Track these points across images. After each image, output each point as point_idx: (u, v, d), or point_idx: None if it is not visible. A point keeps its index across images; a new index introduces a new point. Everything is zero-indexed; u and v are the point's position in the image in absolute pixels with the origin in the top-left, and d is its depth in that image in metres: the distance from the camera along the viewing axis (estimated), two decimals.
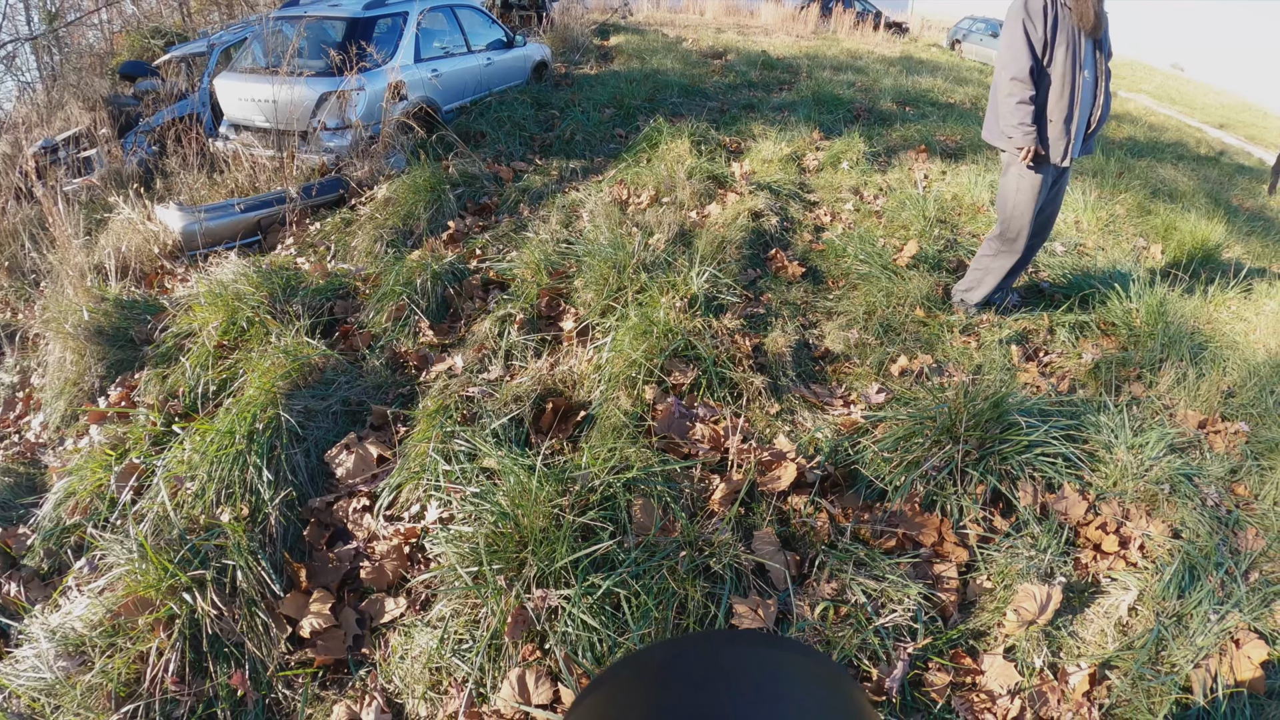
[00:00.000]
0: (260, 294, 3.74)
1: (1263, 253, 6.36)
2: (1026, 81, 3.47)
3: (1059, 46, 3.45)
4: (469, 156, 6.26)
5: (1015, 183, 3.76)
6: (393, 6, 7.19)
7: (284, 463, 2.76)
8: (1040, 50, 3.46)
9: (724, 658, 0.48)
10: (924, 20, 30.98)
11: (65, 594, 2.50)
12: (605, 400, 3.04)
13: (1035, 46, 3.45)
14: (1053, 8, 3.42)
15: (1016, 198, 3.77)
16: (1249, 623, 2.30)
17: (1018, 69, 3.47)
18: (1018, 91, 3.50)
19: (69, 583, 2.53)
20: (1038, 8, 3.42)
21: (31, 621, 2.34)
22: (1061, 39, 3.44)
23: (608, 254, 3.95)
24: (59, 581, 2.62)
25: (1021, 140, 3.55)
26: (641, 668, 0.48)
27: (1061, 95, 3.50)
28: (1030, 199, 3.73)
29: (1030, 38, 3.44)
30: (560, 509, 2.33)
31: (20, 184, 6.13)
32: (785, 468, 2.71)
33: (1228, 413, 3.50)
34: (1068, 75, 3.47)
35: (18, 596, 2.60)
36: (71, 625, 2.25)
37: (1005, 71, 3.53)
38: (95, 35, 22.25)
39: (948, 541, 2.55)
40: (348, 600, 2.42)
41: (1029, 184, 3.71)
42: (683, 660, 0.47)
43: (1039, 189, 3.70)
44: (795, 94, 10.28)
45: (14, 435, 3.84)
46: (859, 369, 3.64)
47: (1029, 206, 3.75)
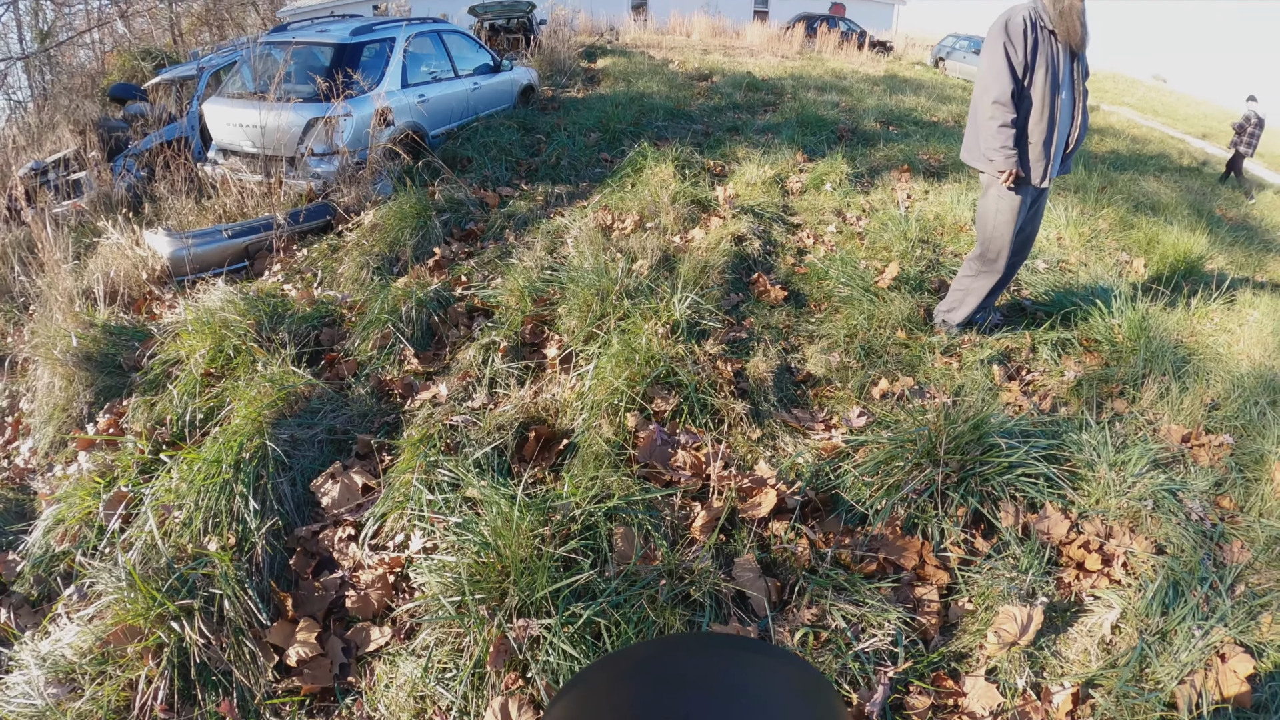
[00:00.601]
0: (247, 322, 3.77)
1: (1245, 262, 6.48)
2: (1008, 105, 3.50)
3: (1039, 69, 3.48)
4: (455, 182, 6.31)
5: (995, 204, 3.79)
6: (380, 32, 7.27)
7: (270, 492, 2.80)
8: (1021, 73, 3.48)
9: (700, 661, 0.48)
10: (908, 38, 31.32)
11: (55, 621, 2.52)
12: (588, 428, 3.07)
13: (1016, 69, 3.47)
14: (1033, 31, 3.45)
15: (996, 219, 3.81)
16: (1234, 637, 2.32)
17: (999, 92, 3.49)
18: (999, 115, 3.52)
19: (59, 610, 2.55)
20: (1018, 30, 3.45)
21: (22, 648, 2.36)
22: (1041, 61, 3.47)
23: (591, 281, 4.00)
24: (49, 608, 2.64)
25: (1003, 163, 3.58)
26: (619, 669, 0.49)
27: (1041, 117, 3.54)
28: (1010, 219, 3.76)
29: (1011, 61, 3.46)
30: (542, 539, 2.36)
31: (9, 206, 6.15)
32: (766, 494, 2.75)
33: (1211, 425, 3.55)
34: (1047, 97, 3.50)
35: (8, 623, 2.62)
36: (61, 652, 2.27)
37: (987, 95, 3.55)
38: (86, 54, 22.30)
39: (929, 564, 2.58)
40: (334, 629, 2.45)
41: (1009, 205, 3.74)
42: (660, 662, 0.48)
43: (1019, 210, 3.74)
44: (780, 115, 10.39)
45: (3, 460, 3.86)
46: (840, 392, 3.67)
47: (1009, 227, 3.79)
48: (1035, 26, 3.47)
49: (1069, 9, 3.44)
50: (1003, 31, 3.47)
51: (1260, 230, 8.28)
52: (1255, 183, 13.05)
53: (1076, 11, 3.45)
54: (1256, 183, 12.91)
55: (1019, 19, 3.46)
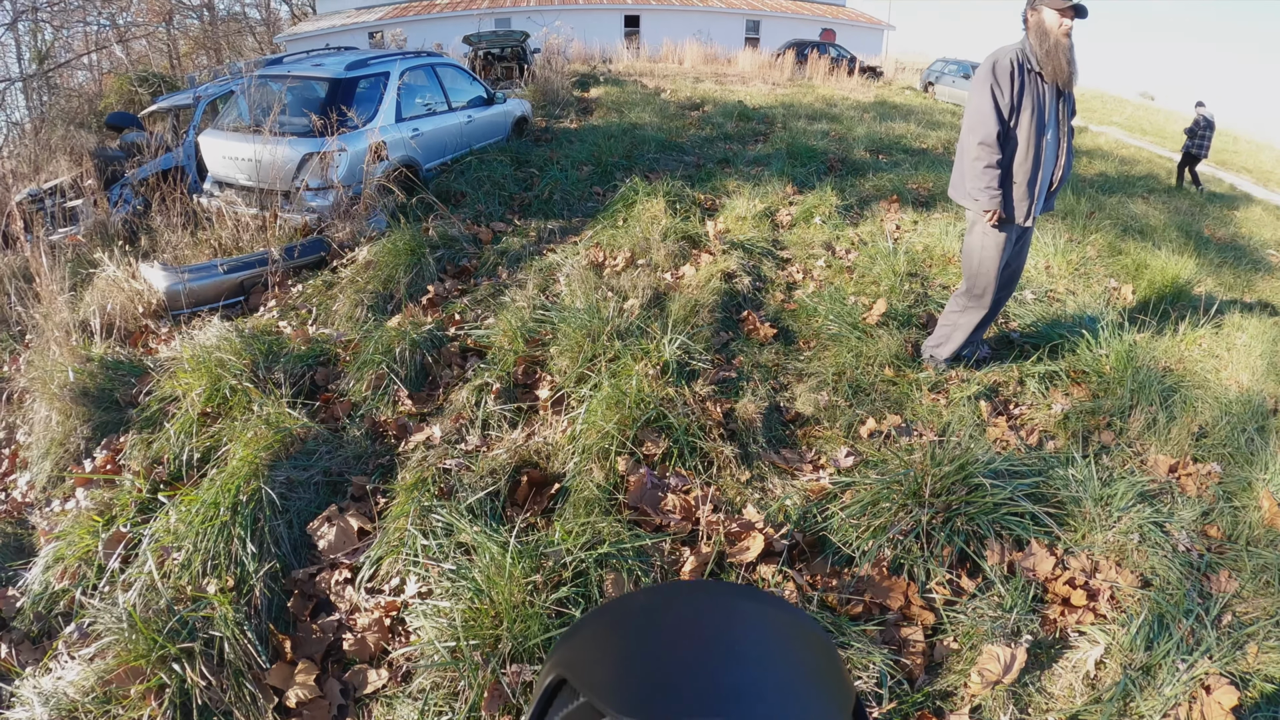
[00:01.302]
0: (243, 361, 3.82)
1: (1234, 283, 6.57)
2: (993, 146, 3.57)
3: (1024, 110, 3.54)
4: (448, 218, 6.39)
5: (980, 240, 3.84)
6: (375, 66, 7.35)
7: (268, 534, 2.85)
8: (1007, 114, 3.55)
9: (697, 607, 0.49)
10: (898, 63, 31.60)
11: (56, 658, 2.55)
12: (579, 472, 3.13)
13: (1002, 111, 3.54)
14: (1020, 73, 3.52)
15: (981, 254, 3.87)
16: (1219, 669, 2.37)
17: (985, 133, 3.56)
18: (984, 156, 3.59)
19: (59, 647, 2.58)
20: (1005, 73, 3.51)
21: (23, 684, 2.39)
22: (1027, 102, 3.54)
23: (583, 321, 4.06)
24: (50, 645, 2.67)
25: (988, 203, 3.65)
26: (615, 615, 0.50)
27: (1026, 158, 3.60)
28: (995, 256, 3.83)
29: (998, 103, 3.53)
30: (534, 586, 2.42)
31: (4, 233, 6.20)
32: (754, 538, 2.80)
33: (1199, 454, 3.60)
34: (1032, 138, 3.57)
35: (8, 659, 2.65)
36: (64, 690, 2.31)
37: (972, 135, 3.62)
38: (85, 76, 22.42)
39: (914, 605, 2.63)
40: (332, 671, 2.50)
41: (993, 241, 3.80)
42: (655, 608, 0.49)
43: (1003, 246, 3.80)
44: (770, 146, 10.51)
45: (1, 494, 3.89)
46: (828, 432, 3.73)
47: (994, 263, 3.85)
48: (1022, 69, 3.53)
49: (1055, 47, 3.50)
50: (990, 74, 3.54)
51: (1249, 249, 8.39)
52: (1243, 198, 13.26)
53: (1063, 49, 3.50)
54: (1244, 198, 13.13)
55: (1006, 61, 3.53)
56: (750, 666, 0.44)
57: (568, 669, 0.47)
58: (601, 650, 0.47)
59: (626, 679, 0.44)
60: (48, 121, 14.99)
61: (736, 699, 0.41)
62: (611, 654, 0.46)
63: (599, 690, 0.43)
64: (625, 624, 0.49)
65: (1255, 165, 21.48)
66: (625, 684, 0.43)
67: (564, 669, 0.47)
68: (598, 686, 0.44)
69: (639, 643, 0.46)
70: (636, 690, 0.42)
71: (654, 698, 0.41)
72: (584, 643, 0.49)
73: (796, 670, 0.46)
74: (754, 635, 0.47)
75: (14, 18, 19.69)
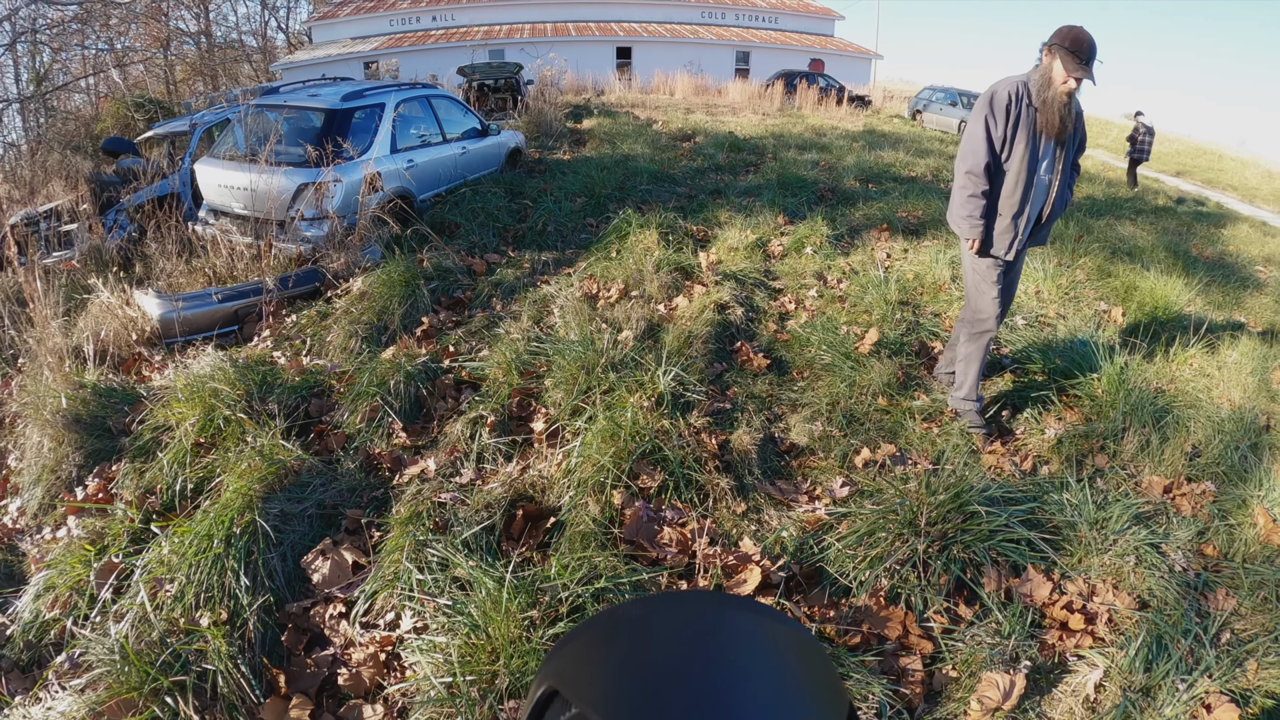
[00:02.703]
0: (237, 391, 3.82)
1: (1223, 301, 6.64)
2: (980, 177, 3.58)
3: (1018, 144, 3.53)
4: (443, 249, 6.41)
5: (972, 264, 3.88)
6: (370, 98, 7.41)
7: (261, 567, 2.84)
8: (999, 146, 3.56)
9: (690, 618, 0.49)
10: (886, 92, 32.04)
11: (46, 688, 2.52)
12: (574, 506, 3.13)
13: (995, 143, 3.55)
14: (1016, 105, 3.50)
15: (975, 279, 3.89)
16: (1219, 687, 2.38)
17: (974, 163, 3.58)
18: (969, 185, 3.62)
19: (49, 677, 2.56)
20: (1001, 105, 3.51)
21: (12, 713, 2.38)
22: (1022, 136, 3.52)
23: (577, 353, 4.07)
24: (39, 674, 2.64)
25: (968, 232, 3.70)
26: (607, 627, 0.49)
27: (1014, 192, 3.60)
28: (989, 279, 3.83)
29: (991, 134, 3.54)
30: (531, 621, 2.42)
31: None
32: (750, 570, 2.80)
33: (1193, 473, 3.63)
34: (1023, 173, 3.56)
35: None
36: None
37: (962, 164, 3.65)
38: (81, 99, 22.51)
39: (912, 634, 2.63)
40: (327, 706, 2.48)
41: (981, 267, 3.83)
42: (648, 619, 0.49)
43: (994, 271, 3.81)
44: (761, 176, 10.62)
45: None
46: (823, 462, 3.74)
47: (990, 289, 3.84)
48: (1020, 101, 3.51)
49: (1052, 99, 3.46)
50: (987, 104, 3.54)
51: (1236, 267, 8.46)
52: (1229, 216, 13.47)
53: (1058, 105, 3.46)
54: (1231, 215, 13.37)
55: (1004, 93, 3.52)
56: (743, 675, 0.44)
57: (559, 680, 0.47)
58: (593, 661, 0.47)
59: (619, 689, 0.44)
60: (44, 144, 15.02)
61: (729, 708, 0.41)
62: (604, 664, 0.46)
63: (591, 701, 0.43)
64: (617, 634, 0.49)
65: (1240, 182, 21.83)
66: (618, 694, 0.43)
67: (556, 680, 0.47)
68: (590, 697, 0.44)
69: (631, 653, 0.46)
70: (629, 701, 0.42)
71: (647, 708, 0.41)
72: (576, 653, 0.49)
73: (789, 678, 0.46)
74: (747, 644, 0.47)
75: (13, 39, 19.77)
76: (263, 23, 33.33)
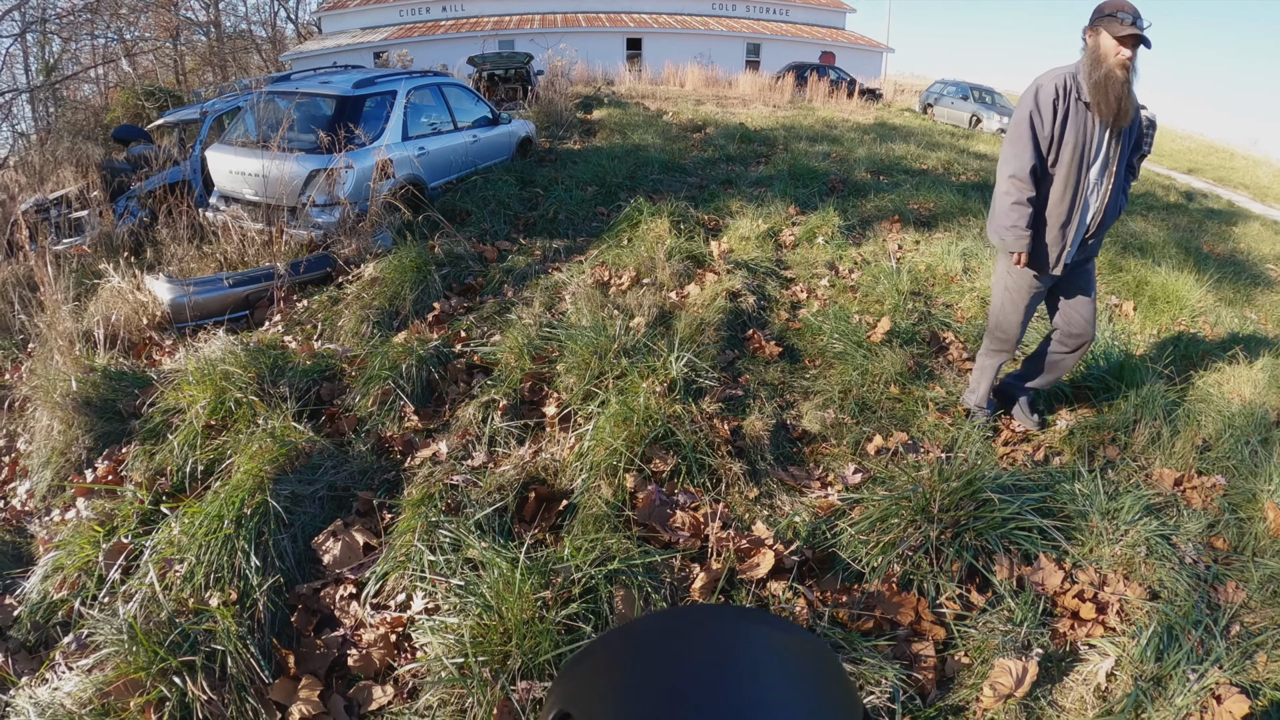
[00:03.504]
0: (248, 374, 3.80)
1: (1234, 297, 6.62)
2: (1026, 181, 3.23)
3: (1066, 145, 3.17)
4: (454, 236, 6.40)
5: (1004, 280, 3.56)
6: (382, 85, 7.39)
7: (272, 548, 2.82)
8: (1046, 147, 3.21)
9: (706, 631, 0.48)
10: (896, 85, 31.94)
11: (53, 669, 2.51)
12: (587, 489, 3.12)
13: (1040, 143, 3.19)
14: (1064, 101, 3.14)
15: (1004, 297, 3.58)
16: (1229, 678, 2.36)
17: (1017, 166, 3.22)
18: (1015, 191, 3.25)
19: (57, 657, 2.55)
20: (1048, 101, 3.15)
21: (19, 694, 2.36)
22: (1070, 136, 3.16)
23: (589, 338, 4.06)
24: (46, 655, 2.64)
25: (1013, 244, 3.31)
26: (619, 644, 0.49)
27: (1063, 198, 3.25)
28: (1020, 301, 3.54)
29: (1036, 134, 3.18)
30: (543, 602, 2.40)
31: (10, 241, 6.20)
32: (764, 555, 2.77)
33: (1203, 467, 3.61)
34: (1072, 176, 3.20)
35: (4, 668, 2.61)
36: (61, 702, 2.27)
37: (1005, 167, 3.27)
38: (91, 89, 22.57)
39: (925, 620, 2.61)
40: (336, 687, 2.47)
41: (1017, 284, 3.51)
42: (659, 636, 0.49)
43: (1030, 292, 3.50)
44: (772, 167, 10.58)
45: (0, 502, 3.86)
46: (836, 449, 3.72)
47: (1018, 309, 3.56)
48: (1068, 95, 3.14)
49: (1106, 79, 3.06)
50: (1032, 99, 3.19)
51: (1248, 264, 8.44)
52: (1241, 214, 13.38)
53: (1115, 83, 3.05)
54: (1242, 213, 13.27)
55: (1050, 87, 3.16)
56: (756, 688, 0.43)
57: (571, 703, 0.47)
58: (604, 682, 0.47)
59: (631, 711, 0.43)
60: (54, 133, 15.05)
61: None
62: (615, 685, 0.46)
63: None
64: (627, 654, 0.48)
65: (1252, 181, 21.73)
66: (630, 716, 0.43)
67: (567, 703, 0.47)
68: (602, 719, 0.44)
69: (642, 673, 0.46)
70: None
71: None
72: (586, 675, 0.49)
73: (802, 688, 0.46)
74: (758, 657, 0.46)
75: (23, 28, 19.82)
76: (272, 13, 33.31)
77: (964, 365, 4.65)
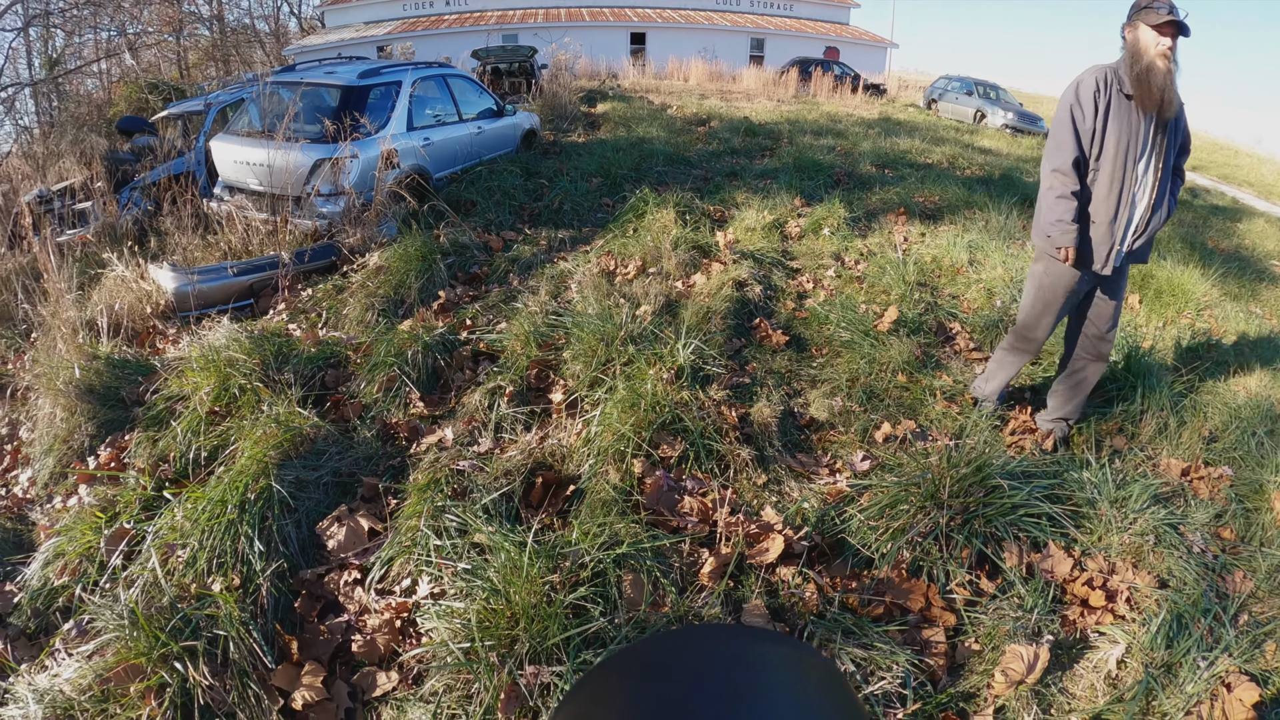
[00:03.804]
0: (252, 361, 3.78)
1: (1239, 292, 6.64)
2: (1070, 175, 3.13)
3: (1110, 138, 3.09)
4: (459, 226, 6.37)
5: (1039, 279, 3.43)
6: (387, 75, 7.36)
7: (275, 533, 2.79)
8: (1088, 141, 3.13)
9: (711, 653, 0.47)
10: (901, 81, 31.83)
11: (53, 655, 2.49)
12: (594, 474, 3.09)
13: (1083, 137, 3.12)
14: (1105, 93, 3.07)
15: (1038, 295, 3.46)
16: (1239, 666, 2.36)
17: (1060, 160, 3.14)
18: (1059, 185, 3.16)
19: (57, 644, 2.52)
20: (1089, 92, 3.09)
21: (18, 681, 2.34)
22: (1114, 129, 3.08)
23: (596, 326, 4.03)
24: (46, 642, 2.62)
25: (1060, 239, 3.17)
26: (627, 664, 0.48)
27: (1109, 193, 3.14)
28: (1054, 302, 3.41)
29: (1078, 127, 3.11)
30: (551, 586, 2.37)
31: (13, 232, 6.18)
32: (773, 540, 2.75)
33: (1210, 458, 3.61)
34: (1118, 170, 3.10)
35: (4, 655, 2.59)
36: (60, 688, 2.25)
37: (1048, 162, 3.20)
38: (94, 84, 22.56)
39: (935, 606, 2.60)
40: (340, 673, 2.44)
41: (1052, 284, 3.38)
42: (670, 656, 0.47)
43: (1066, 293, 3.37)
44: (777, 160, 10.55)
45: (1, 490, 3.85)
46: (844, 436, 3.70)
47: (1053, 310, 3.44)
48: (1110, 88, 3.08)
49: (1148, 71, 2.99)
50: (1073, 93, 3.13)
51: (1252, 260, 8.45)
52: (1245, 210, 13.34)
53: (1157, 74, 2.98)
54: (1247, 210, 13.24)
55: (1090, 80, 3.10)
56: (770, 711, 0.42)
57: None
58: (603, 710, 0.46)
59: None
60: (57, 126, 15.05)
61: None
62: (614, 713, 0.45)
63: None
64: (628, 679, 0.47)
65: (1257, 179, 21.77)
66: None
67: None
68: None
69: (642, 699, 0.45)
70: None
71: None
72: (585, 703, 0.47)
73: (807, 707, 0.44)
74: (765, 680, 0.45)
75: (25, 23, 19.82)
76: (275, 7, 33.23)
77: (971, 355, 4.63)
